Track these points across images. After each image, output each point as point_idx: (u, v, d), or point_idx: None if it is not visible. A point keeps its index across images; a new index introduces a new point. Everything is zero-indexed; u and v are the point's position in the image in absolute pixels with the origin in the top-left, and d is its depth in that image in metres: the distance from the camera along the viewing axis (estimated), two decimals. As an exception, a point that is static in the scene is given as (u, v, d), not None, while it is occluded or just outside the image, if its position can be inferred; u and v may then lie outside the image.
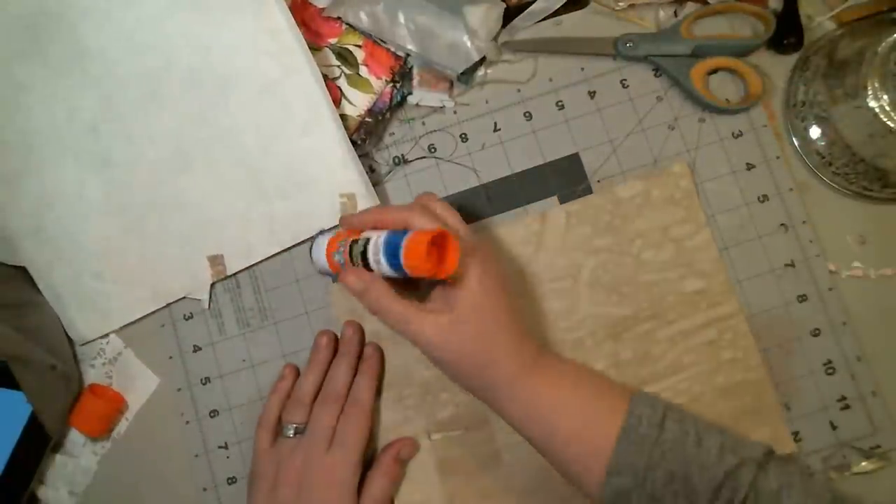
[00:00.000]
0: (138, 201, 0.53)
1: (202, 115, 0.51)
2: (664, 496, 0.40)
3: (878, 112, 0.47)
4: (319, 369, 0.50)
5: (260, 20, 0.50)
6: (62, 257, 0.53)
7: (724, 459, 0.40)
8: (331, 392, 0.49)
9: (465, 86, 0.55)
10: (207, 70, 0.51)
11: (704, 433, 0.41)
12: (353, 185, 0.52)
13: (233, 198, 0.53)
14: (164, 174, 0.52)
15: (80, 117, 0.52)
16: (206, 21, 0.50)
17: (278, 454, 0.48)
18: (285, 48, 0.50)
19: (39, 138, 0.52)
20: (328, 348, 0.51)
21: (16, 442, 0.48)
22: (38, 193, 0.52)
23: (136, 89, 0.51)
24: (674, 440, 0.41)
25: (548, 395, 0.43)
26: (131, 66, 0.51)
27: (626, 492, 0.40)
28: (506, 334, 0.43)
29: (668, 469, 0.40)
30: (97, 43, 0.51)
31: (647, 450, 0.40)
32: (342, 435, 0.47)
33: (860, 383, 0.50)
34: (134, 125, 0.52)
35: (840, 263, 0.52)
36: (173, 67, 0.51)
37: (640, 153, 0.53)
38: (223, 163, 0.52)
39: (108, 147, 0.52)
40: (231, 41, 0.50)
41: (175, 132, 0.52)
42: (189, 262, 0.53)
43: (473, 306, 0.42)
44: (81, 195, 0.52)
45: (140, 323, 0.54)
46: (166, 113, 0.51)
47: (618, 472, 0.40)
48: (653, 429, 0.41)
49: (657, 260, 0.51)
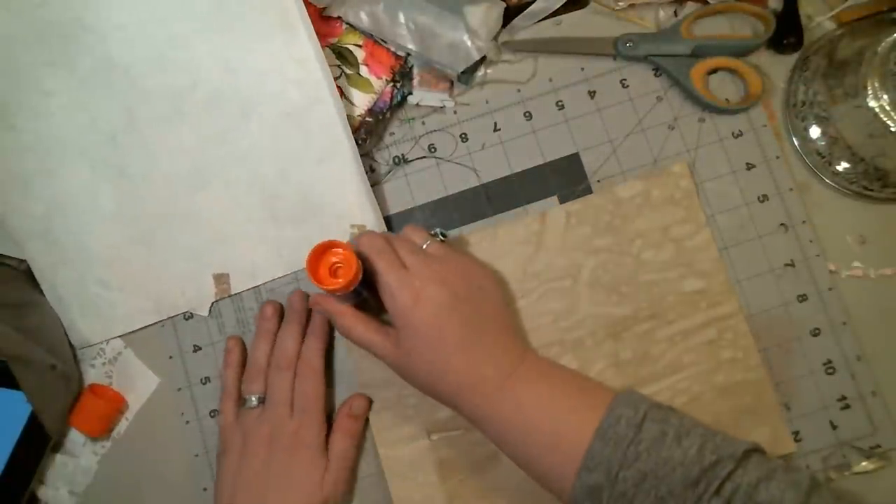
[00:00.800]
0: (150, 213, 0.53)
1: (222, 136, 0.52)
2: (635, 495, 0.39)
3: (878, 112, 0.47)
4: (268, 338, 0.51)
5: (289, 48, 0.50)
6: (68, 261, 0.53)
7: (703, 458, 0.39)
8: (282, 358, 0.50)
9: (465, 86, 0.55)
10: (232, 92, 0.51)
11: (686, 433, 0.41)
12: (365, 217, 0.52)
13: (244, 218, 0.53)
14: (179, 189, 0.53)
15: (100, 127, 0.52)
16: (236, 45, 0.51)
17: (244, 425, 0.49)
18: (311, 78, 0.51)
19: (58, 143, 0.52)
20: (274, 317, 0.52)
21: (16, 442, 0.48)
22: (51, 197, 0.52)
23: (159, 104, 0.52)
24: (651, 440, 0.40)
25: (526, 395, 0.43)
26: (157, 82, 0.51)
27: (597, 489, 0.40)
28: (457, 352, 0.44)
29: (640, 469, 0.39)
30: (127, 57, 0.51)
31: (622, 449, 0.40)
32: (301, 400, 0.49)
33: (860, 383, 0.50)
34: (153, 139, 0.52)
35: (840, 263, 0.52)
36: (199, 87, 0.51)
37: (640, 153, 0.53)
38: (238, 184, 0.52)
39: (125, 158, 0.52)
40: (258, 66, 0.51)
41: (194, 149, 0.52)
42: (195, 277, 0.53)
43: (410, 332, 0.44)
44: (94, 202, 0.53)
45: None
46: (187, 130, 0.52)
47: (590, 469, 0.40)
48: (630, 429, 0.41)
49: (657, 260, 0.51)
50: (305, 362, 0.50)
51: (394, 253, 0.45)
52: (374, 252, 0.45)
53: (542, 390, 0.44)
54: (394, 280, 0.44)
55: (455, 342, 0.44)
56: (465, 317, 0.44)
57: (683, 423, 0.41)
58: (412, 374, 0.46)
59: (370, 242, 0.45)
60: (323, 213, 0.52)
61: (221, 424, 0.50)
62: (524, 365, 0.45)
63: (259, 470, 0.47)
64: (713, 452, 0.39)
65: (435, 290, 0.44)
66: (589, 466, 0.40)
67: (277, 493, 0.47)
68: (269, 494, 0.47)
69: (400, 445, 0.51)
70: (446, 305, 0.44)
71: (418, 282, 0.44)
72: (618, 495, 0.40)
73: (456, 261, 0.47)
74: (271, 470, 0.47)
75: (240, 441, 0.48)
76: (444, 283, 0.44)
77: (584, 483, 0.40)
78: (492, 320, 0.46)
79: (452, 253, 0.47)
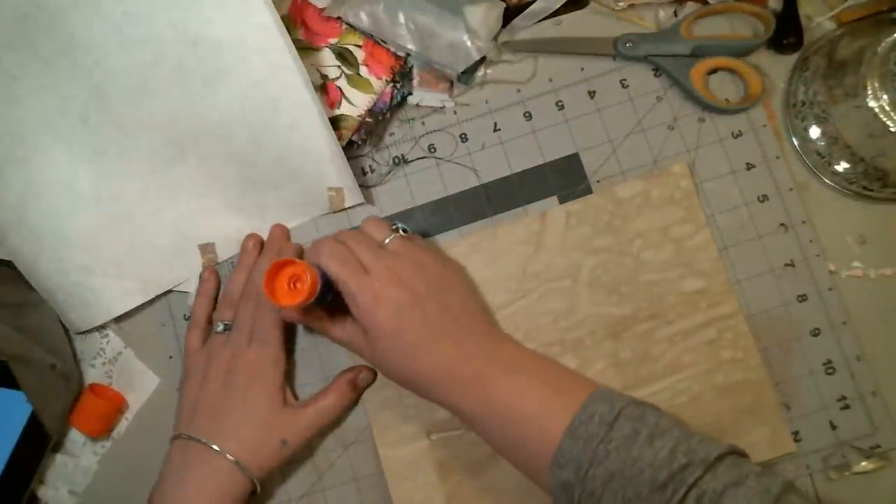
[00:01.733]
0: (129, 192, 0.53)
1: (192, 109, 0.51)
2: (603, 494, 0.39)
3: (877, 112, 0.47)
4: (246, 269, 0.52)
5: (246, 17, 0.50)
6: (47, 250, 0.52)
7: (673, 460, 0.38)
8: (252, 288, 0.50)
9: (465, 86, 0.55)
10: (196, 64, 0.50)
11: (661, 433, 0.39)
12: (341, 180, 0.52)
13: (224, 188, 0.53)
14: (156, 165, 0.52)
15: (71, 108, 0.51)
16: (193, 16, 0.50)
17: (208, 351, 0.50)
18: (271, 45, 0.50)
19: (29, 128, 0.51)
20: (255, 250, 0.53)
21: (16, 442, 0.48)
22: (24, 184, 0.52)
23: (126, 82, 0.51)
24: (623, 438, 0.39)
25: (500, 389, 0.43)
26: (121, 59, 0.51)
27: (569, 486, 0.40)
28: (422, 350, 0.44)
29: (609, 468, 0.39)
30: (87, 35, 0.50)
31: (591, 447, 0.39)
32: (259, 329, 0.49)
33: (860, 383, 0.50)
34: (125, 117, 0.51)
35: (840, 263, 0.52)
36: (162, 60, 0.50)
37: (639, 153, 0.53)
38: (215, 155, 0.52)
39: (99, 138, 0.52)
40: (218, 36, 0.50)
41: (166, 124, 0.51)
42: (180, 251, 0.53)
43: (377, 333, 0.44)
44: (71, 186, 0.52)
45: (140, 323, 0.54)
46: (157, 105, 0.51)
47: (561, 466, 0.40)
48: (602, 427, 0.40)
49: (657, 260, 0.51)
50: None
51: (353, 256, 0.45)
52: (332, 260, 0.45)
53: (517, 382, 0.44)
54: (353, 286, 0.44)
55: (416, 341, 0.44)
56: (428, 314, 0.45)
57: (660, 422, 0.40)
58: (387, 371, 0.47)
59: (328, 249, 0.45)
60: (300, 177, 0.52)
61: (187, 350, 0.51)
62: (498, 356, 0.45)
63: (218, 393, 0.48)
64: (685, 455, 0.38)
65: (394, 291, 0.44)
66: (560, 463, 0.40)
67: (234, 418, 0.48)
68: (227, 418, 0.48)
69: (400, 445, 0.51)
70: (406, 304, 0.44)
71: (378, 283, 0.44)
72: (587, 494, 0.39)
73: (418, 257, 0.47)
74: (229, 395, 0.48)
75: (203, 365, 0.50)
76: (402, 283, 0.45)
77: (557, 479, 0.40)
78: (459, 314, 0.46)
79: (414, 249, 0.47)
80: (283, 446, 0.48)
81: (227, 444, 0.47)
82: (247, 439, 0.47)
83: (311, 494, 0.51)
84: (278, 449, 0.48)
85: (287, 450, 0.48)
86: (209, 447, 0.47)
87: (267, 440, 0.48)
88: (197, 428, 0.48)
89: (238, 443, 0.47)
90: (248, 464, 0.47)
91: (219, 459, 0.46)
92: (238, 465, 0.46)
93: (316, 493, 0.51)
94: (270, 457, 0.48)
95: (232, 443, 0.47)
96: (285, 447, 0.48)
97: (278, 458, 0.48)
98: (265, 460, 0.48)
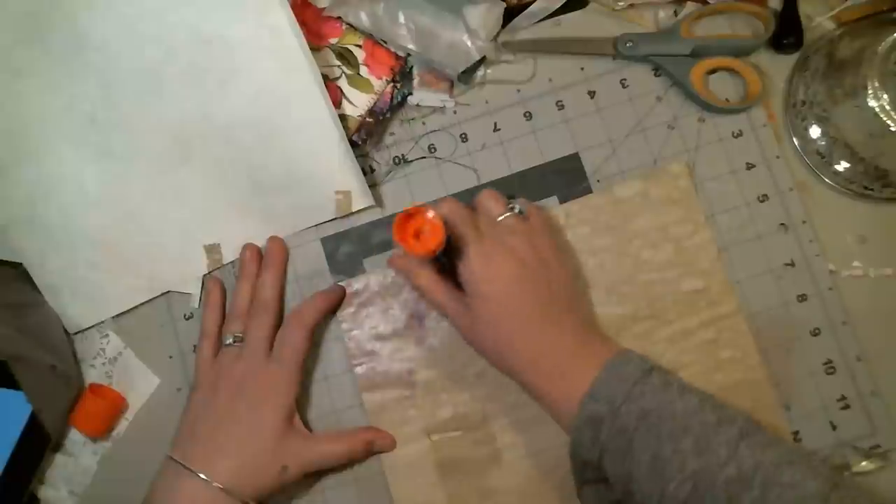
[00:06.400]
0: (136, 191, 0.53)
1: (202, 109, 0.51)
2: (636, 429, 0.40)
3: (878, 112, 0.47)
4: (250, 281, 0.52)
5: (261, 17, 0.50)
6: (56, 246, 0.52)
7: (704, 414, 0.40)
8: (260, 302, 0.50)
9: (465, 86, 0.55)
10: (208, 64, 0.50)
11: (689, 390, 0.42)
12: (349, 184, 0.52)
13: (231, 190, 0.53)
14: (164, 165, 0.52)
15: (79, 107, 0.51)
16: (208, 16, 0.50)
17: (220, 363, 0.49)
18: (285, 46, 0.50)
19: (37, 126, 0.52)
20: (253, 261, 0.52)
21: (16, 442, 0.48)
22: (34, 182, 0.52)
23: (136, 81, 0.51)
24: (657, 384, 0.42)
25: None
26: (132, 58, 0.51)
27: (598, 419, 0.41)
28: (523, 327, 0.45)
29: (643, 406, 0.41)
30: (99, 33, 0.50)
31: (628, 385, 0.41)
32: (282, 350, 0.49)
33: (860, 383, 0.50)
34: (134, 116, 0.51)
35: (840, 263, 0.52)
36: (174, 60, 0.51)
37: (639, 153, 0.53)
38: (223, 156, 0.52)
39: (107, 137, 0.52)
40: (232, 36, 0.50)
41: (175, 124, 0.52)
42: (185, 252, 0.53)
43: (480, 301, 0.45)
44: (79, 184, 0.52)
45: (140, 323, 0.54)
46: (166, 105, 0.51)
47: (595, 399, 0.41)
48: (638, 371, 0.42)
49: (656, 259, 0.51)
50: (294, 311, 0.50)
51: (473, 219, 0.46)
52: (457, 220, 0.45)
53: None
54: (473, 250, 0.45)
55: (519, 314, 0.45)
56: (537, 292, 0.45)
57: (683, 382, 0.43)
58: (479, 342, 0.47)
59: (452, 207, 0.46)
60: (308, 180, 0.52)
61: (198, 362, 0.51)
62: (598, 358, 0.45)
63: (226, 405, 0.47)
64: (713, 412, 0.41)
65: (506, 261, 0.45)
66: (594, 395, 0.41)
67: (239, 431, 0.47)
68: (230, 432, 0.47)
69: (400, 446, 0.51)
70: (515, 277, 0.45)
71: (494, 254, 0.45)
72: (618, 429, 0.40)
73: (532, 237, 0.47)
74: (238, 408, 0.47)
75: (213, 377, 0.49)
76: (515, 256, 0.45)
77: (586, 413, 0.41)
78: (564, 307, 0.46)
79: (528, 229, 0.47)
80: (283, 472, 0.47)
81: (224, 463, 0.45)
82: (248, 456, 0.46)
83: (311, 494, 0.51)
84: (278, 474, 0.46)
85: (286, 476, 0.47)
86: (198, 476, 0.45)
87: (268, 462, 0.46)
88: (192, 454, 0.46)
89: (238, 460, 0.46)
90: (242, 486, 0.45)
91: (207, 489, 0.45)
92: (227, 492, 0.45)
93: (316, 494, 0.51)
94: (268, 479, 0.46)
95: (229, 461, 0.46)
96: (285, 473, 0.47)
97: (276, 482, 0.46)
98: (262, 481, 0.46)
